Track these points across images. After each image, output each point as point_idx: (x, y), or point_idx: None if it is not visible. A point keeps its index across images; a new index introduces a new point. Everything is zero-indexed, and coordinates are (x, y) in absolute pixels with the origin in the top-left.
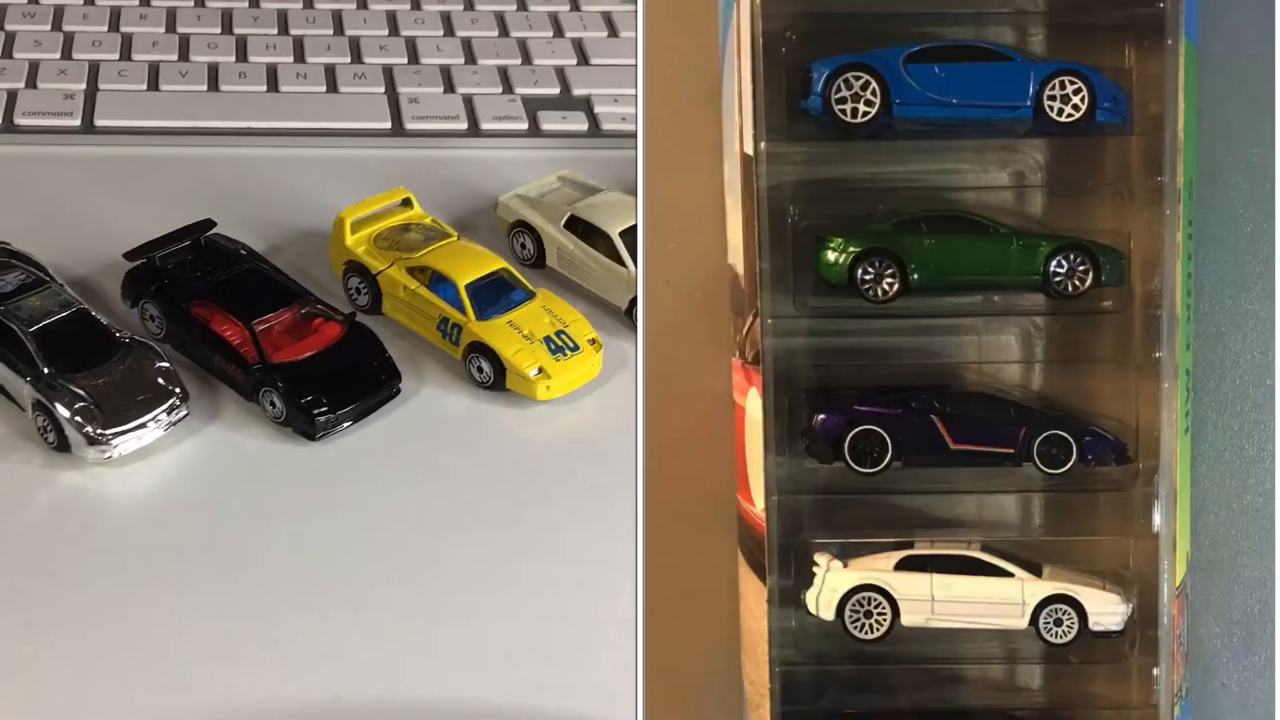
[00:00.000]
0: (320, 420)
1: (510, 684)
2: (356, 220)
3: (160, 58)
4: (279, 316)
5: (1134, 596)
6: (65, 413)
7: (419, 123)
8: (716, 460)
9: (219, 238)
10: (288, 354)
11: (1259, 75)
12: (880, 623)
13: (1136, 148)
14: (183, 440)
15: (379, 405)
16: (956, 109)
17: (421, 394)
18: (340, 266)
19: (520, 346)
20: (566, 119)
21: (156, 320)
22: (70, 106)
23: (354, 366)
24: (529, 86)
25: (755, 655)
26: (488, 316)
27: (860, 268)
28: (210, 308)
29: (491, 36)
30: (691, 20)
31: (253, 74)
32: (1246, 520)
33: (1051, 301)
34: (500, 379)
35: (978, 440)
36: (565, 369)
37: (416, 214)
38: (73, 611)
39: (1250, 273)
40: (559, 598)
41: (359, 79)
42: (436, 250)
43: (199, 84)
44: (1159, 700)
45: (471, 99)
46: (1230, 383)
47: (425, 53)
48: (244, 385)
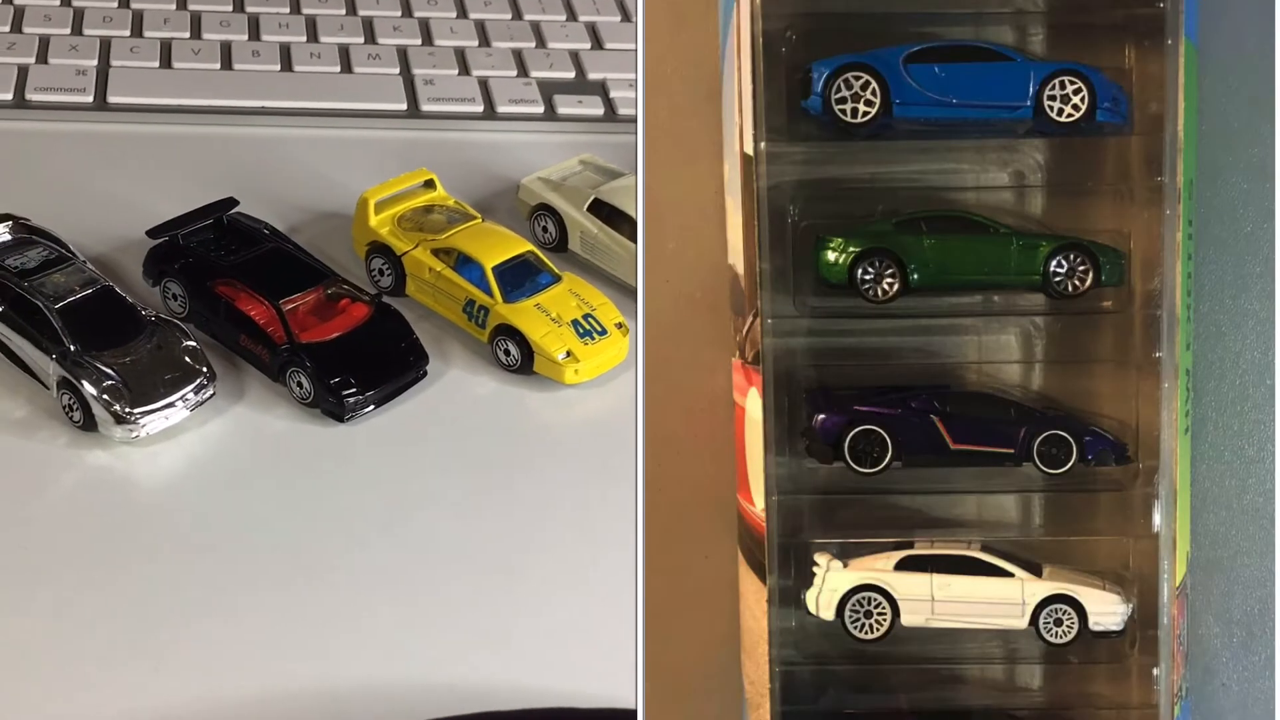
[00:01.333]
0: (349, 401)
1: (511, 671)
2: (380, 201)
3: (172, 35)
4: (305, 297)
5: (1134, 596)
6: (93, 390)
7: (435, 104)
8: (716, 460)
9: (241, 216)
10: (315, 334)
11: (1259, 75)
12: (880, 623)
13: (1136, 148)
14: (209, 420)
15: (407, 387)
16: (956, 109)
17: (448, 376)
18: (363, 247)
19: (549, 329)
20: (582, 103)
21: (179, 299)
22: (82, 83)
23: (382, 348)
24: (544, 70)
25: (755, 655)
26: (515, 299)
27: (860, 268)
28: (235, 287)
29: (505, 19)
30: (691, 20)
31: (266, 53)
32: (1246, 520)
33: (1051, 301)
34: (528, 362)
35: (978, 440)
36: (594, 352)
37: (440, 195)
38: (101, 591)
39: (1250, 273)
40: (569, 589)
41: (373, 59)
42: (462, 232)
43: (212, 62)
44: (1159, 700)
45: (487, 81)
46: (1230, 383)
47: (439, 34)
48: (271, 365)
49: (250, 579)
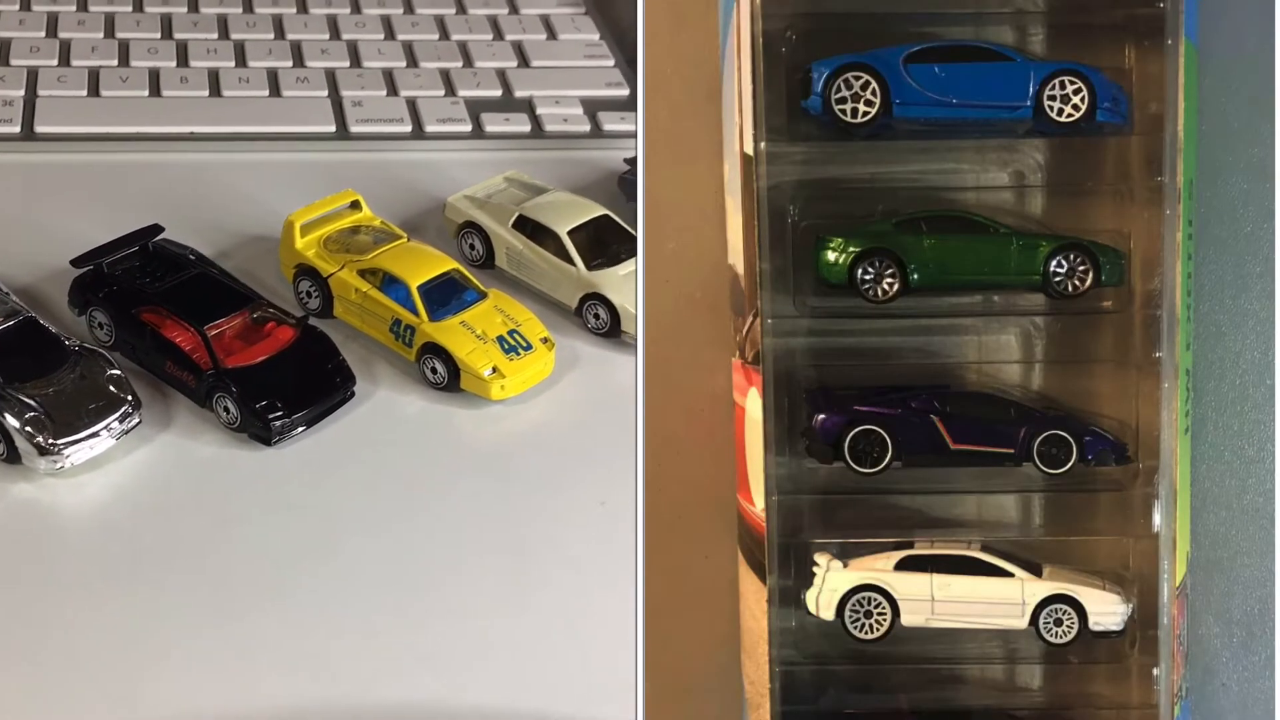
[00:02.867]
0: (276, 425)
1: (447, 690)
2: (306, 223)
3: (100, 63)
4: (230, 321)
5: (1134, 596)
6: (15, 423)
7: (363, 125)
8: (716, 460)
9: (167, 243)
10: (241, 359)
11: (1259, 75)
12: (880, 623)
13: (1136, 148)
14: (135, 449)
15: (334, 409)
16: (956, 109)
17: (376, 396)
18: (290, 270)
19: (474, 346)
20: (510, 120)
21: (105, 327)
22: (9, 113)
23: (308, 370)
24: (471, 89)
25: (755, 655)
26: (440, 317)
27: (860, 268)
28: (160, 313)
29: (433, 39)
30: (691, 20)
31: (194, 79)
32: (1246, 520)
33: (1051, 301)
34: (454, 379)
35: (978, 440)
36: (519, 368)
37: (366, 216)
38: (26, 624)
39: (1250, 273)
40: (503, 603)
41: (302, 83)
42: (387, 252)
43: (140, 89)
44: (1159, 700)
45: (415, 101)
46: (1230, 383)
47: (367, 56)
48: (197, 391)
49: (179, 608)
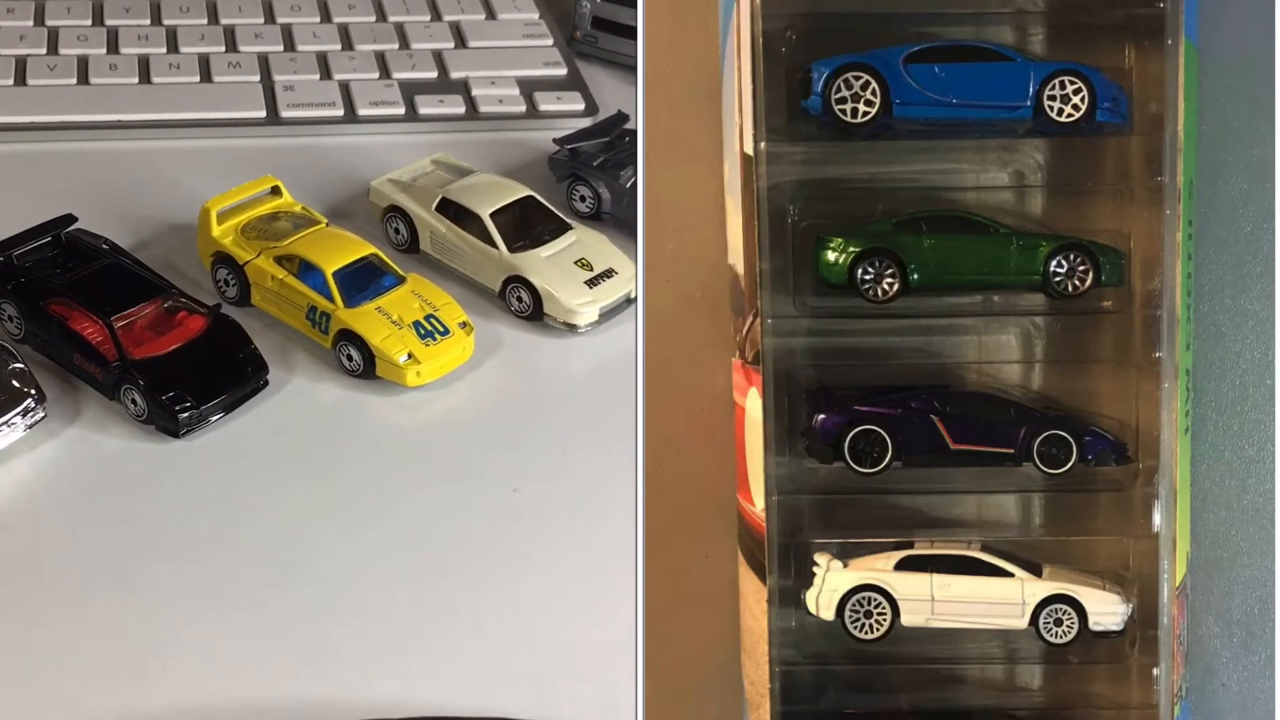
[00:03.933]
0: (183, 417)
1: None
2: (223, 210)
3: (28, 52)
4: (140, 311)
5: (1134, 596)
6: None
7: (294, 110)
8: (716, 460)
9: (80, 233)
10: (149, 349)
11: (1259, 75)
12: (880, 623)
13: (1136, 148)
14: (41, 444)
15: (246, 398)
16: (956, 109)
17: (291, 385)
18: (208, 258)
19: (389, 333)
20: (444, 102)
21: (14, 320)
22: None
23: (218, 360)
24: (406, 71)
25: (755, 655)
26: (356, 303)
27: (860, 268)
28: (69, 305)
29: (369, 21)
30: (691, 20)
31: (124, 66)
32: (1246, 520)
33: (1051, 301)
34: (370, 366)
35: (978, 440)
36: (435, 353)
37: (286, 202)
38: None
39: (1250, 273)
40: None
41: (234, 68)
42: (304, 238)
43: (68, 78)
44: (1159, 700)
45: (348, 85)
46: (1230, 383)
47: (302, 40)
48: (104, 384)
49: (83, 604)
